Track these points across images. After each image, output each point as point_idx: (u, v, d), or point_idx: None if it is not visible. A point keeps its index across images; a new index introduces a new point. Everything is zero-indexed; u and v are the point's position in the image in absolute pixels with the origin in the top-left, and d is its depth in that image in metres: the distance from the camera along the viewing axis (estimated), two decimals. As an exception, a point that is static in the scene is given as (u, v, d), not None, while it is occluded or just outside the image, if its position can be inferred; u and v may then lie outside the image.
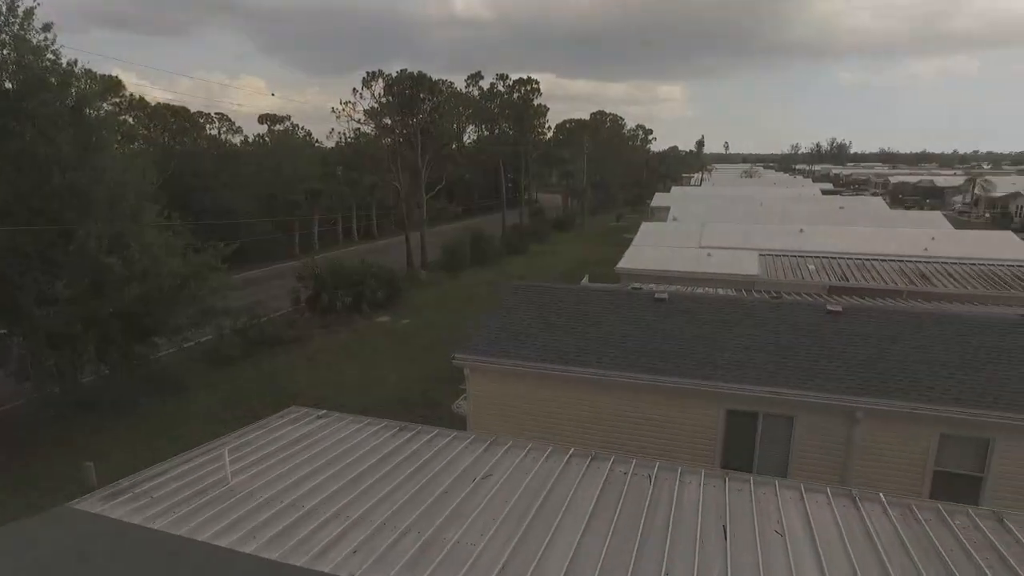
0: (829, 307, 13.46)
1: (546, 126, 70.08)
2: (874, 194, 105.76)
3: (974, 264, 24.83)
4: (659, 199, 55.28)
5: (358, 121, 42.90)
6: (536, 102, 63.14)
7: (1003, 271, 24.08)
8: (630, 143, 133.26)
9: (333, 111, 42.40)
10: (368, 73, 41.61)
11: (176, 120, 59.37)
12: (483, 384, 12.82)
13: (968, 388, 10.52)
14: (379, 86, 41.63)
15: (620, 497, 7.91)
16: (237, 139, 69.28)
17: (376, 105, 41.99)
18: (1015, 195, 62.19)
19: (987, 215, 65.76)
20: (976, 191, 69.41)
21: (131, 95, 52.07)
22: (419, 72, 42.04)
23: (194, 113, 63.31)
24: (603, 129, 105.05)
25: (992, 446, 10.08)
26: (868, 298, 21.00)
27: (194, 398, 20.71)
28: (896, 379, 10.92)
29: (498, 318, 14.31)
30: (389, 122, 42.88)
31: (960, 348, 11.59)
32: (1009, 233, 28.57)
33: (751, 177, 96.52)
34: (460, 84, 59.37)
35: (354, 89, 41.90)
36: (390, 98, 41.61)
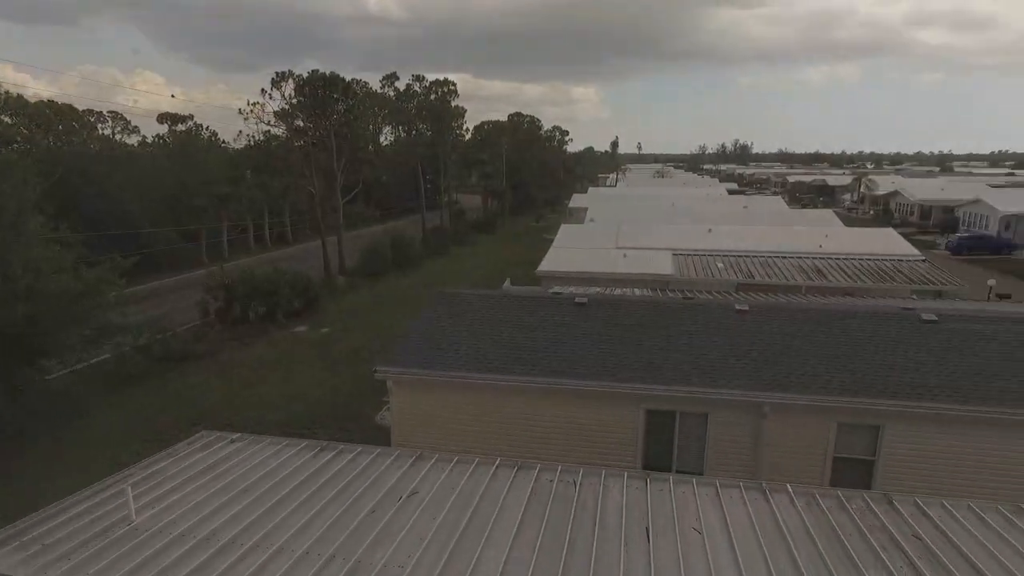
0: (737, 306, 14.21)
1: (464, 127, 70.04)
2: (774, 193, 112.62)
3: (862, 259, 26.96)
4: (577, 200, 56.56)
5: (268, 123, 41.22)
6: (454, 103, 62.96)
7: (886, 265, 26.30)
8: (547, 144, 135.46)
9: (240, 112, 40.54)
10: (277, 73, 40.02)
11: (61, 119, 54.83)
12: (407, 397, 12.64)
13: (860, 379, 11.41)
14: (289, 87, 40.16)
15: (547, 506, 8.02)
16: (134, 140, 64.93)
17: (287, 106, 40.47)
18: (894, 193, 68.07)
19: (871, 212, 71.56)
20: (862, 190, 75.42)
21: (6, 92, 47.65)
22: (331, 73, 40.88)
23: (83, 112, 58.72)
24: (521, 130, 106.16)
25: (882, 432, 10.99)
26: (772, 294, 22.38)
27: (95, 424, 19.21)
28: (798, 374, 11.68)
29: (421, 327, 14.16)
30: (301, 124, 41.45)
31: (851, 341, 12.55)
32: (890, 230, 31.21)
33: (663, 177, 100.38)
34: (375, 84, 58.35)
35: (263, 90, 40.22)
36: (301, 99, 40.21)
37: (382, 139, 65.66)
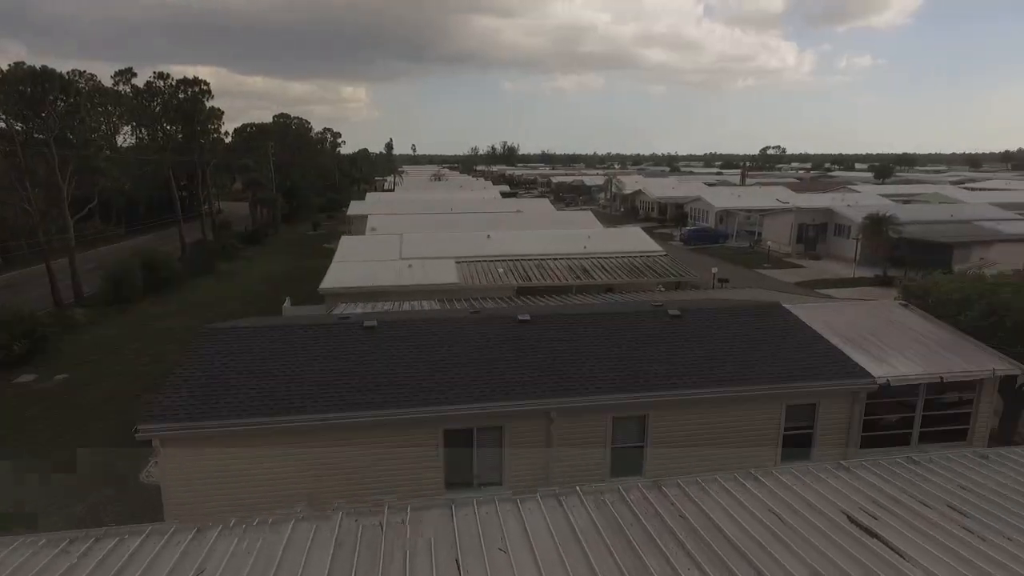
0: (519, 316, 15.13)
1: (223, 130, 63.79)
2: (542, 193, 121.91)
3: (618, 256, 30.55)
4: (355, 207, 55.11)
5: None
6: (209, 103, 56.92)
7: (637, 261, 30.16)
8: (319, 147, 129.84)
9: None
10: (-35, 64, 32.37)
11: None
12: (180, 456, 11.21)
13: (627, 376, 12.94)
14: (-15, 81, 32.76)
15: (354, 555, 7.74)
16: None
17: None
18: (638, 192, 78.35)
19: (622, 208, 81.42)
20: (612, 189, 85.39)
21: None
22: (43, 67, 34.28)
23: None
24: (290, 132, 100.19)
25: (647, 421, 12.60)
26: (548, 296, 24.24)
27: None
28: (577, 377, 12.85)
29: (191, 371, 12.65)
30: (4, 126, 34.12)
31: (617, 341, 14.17)
32: (637, 229, 35.82)
33: (439, 180, 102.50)
34: (107, 79, 50.07)
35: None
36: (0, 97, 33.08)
37: (120, 141, 56.73)
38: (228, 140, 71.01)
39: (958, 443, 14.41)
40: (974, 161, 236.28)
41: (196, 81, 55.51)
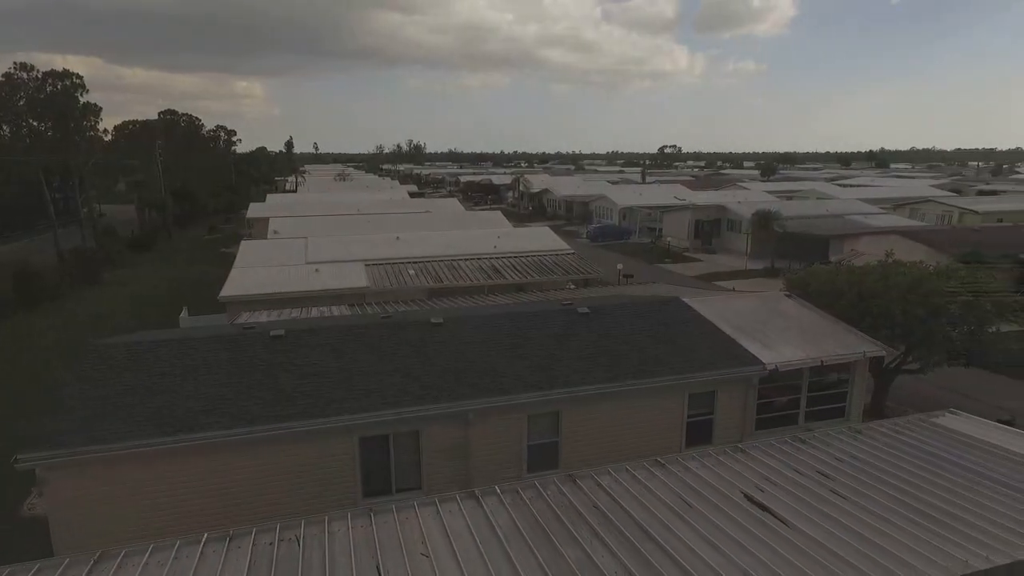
0: (432, 320, 15.15)
1: (100, 127, 58.69)
2: (450, 192, 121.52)
3: (528, 255, 31.12)
4: (255, 209, 52.70)
5: None
6: (83, 98, 52.25)
7: (547, 260, 30.85)
8: (212, 145, 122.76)
9: None
10: None
11: None
12: (71, 485, 10.38)
13: (540, 374, 13.30)
14: None
15: (271, 573, 7.55)
16: None
17: None
18: (545, 191, 79.96)
19: (530, 207, 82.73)
20: (521, 188, 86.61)
21: None
22: None
23: None
24: (178, 129, 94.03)
25: (560, 416, 13.03)
26: (460, 297, 24.32)
27: None
28: (492, 376, 13.06)
29: (78, 391, 11.74)
30: None
31: (529, 340, 14.52)
32: (546, 228, 36.61)
33: (344, 180, 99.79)
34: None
35: None
36: None
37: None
38: (109, 138, 65.66)
39: (838, 419, 15.92)
40: (844, 159, 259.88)
41: (67, 74, 50.87)
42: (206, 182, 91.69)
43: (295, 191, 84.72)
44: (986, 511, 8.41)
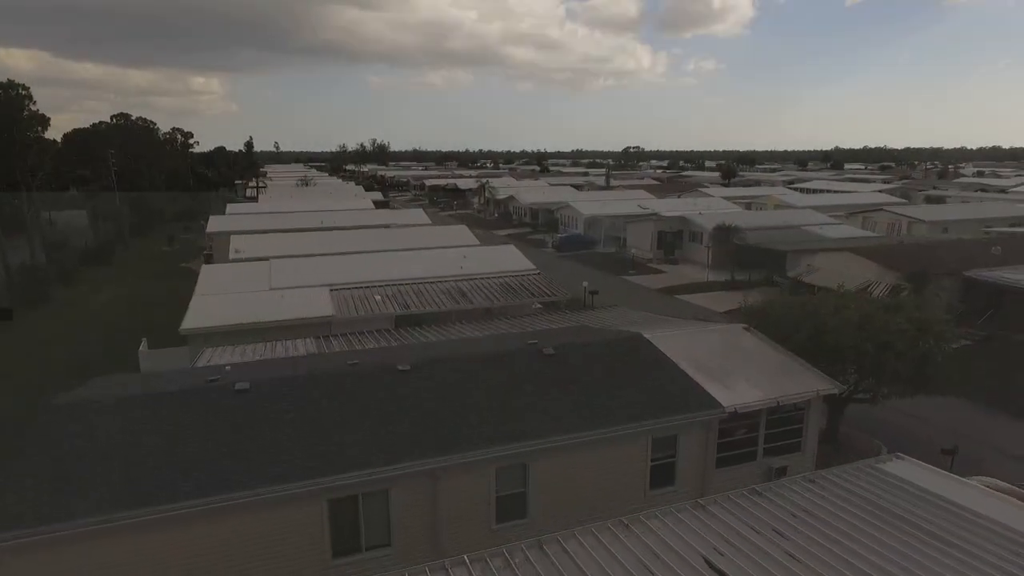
0: (399, 367, 15.21)
1: (46, 135, 56.29)
2: (415, 196, 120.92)
3: (494, 277, 31.28)
4: (216, 223, 51.53)
5: None
6: (27, 108, 50.21)
7: (513, 281, 31.06)
8: (168, 148, 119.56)
9: None
10: None
11: None
12: (21, 568, 10.16)
13: (507, 426, 13.50)
14: None
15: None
16: None
17: None
18: (511, 198, 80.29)
19: (496, 214, 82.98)
20: (486, 195, 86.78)
21: None
22: None
23: None
24: (132, 134, 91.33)
25: (528, 468, 13.27)
26: (427, 326, 24.36)
27: None
28: (461, 429, 13.21)
29: (34, 461, 11.47)
30: None
31: (495, 388, 14.69)
32: (511, 247, 36.77)
33: (307, 185, 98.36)
34: None
35: None
36: None
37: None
38: (58, 146, 63.33)
39: (795, 452, 16.59)
40: (801, 159, 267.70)
41: (11, 85, 48.95)
42: (163, 189, 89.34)
43: (256, 198, 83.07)
44: (930, 573, 8.96)
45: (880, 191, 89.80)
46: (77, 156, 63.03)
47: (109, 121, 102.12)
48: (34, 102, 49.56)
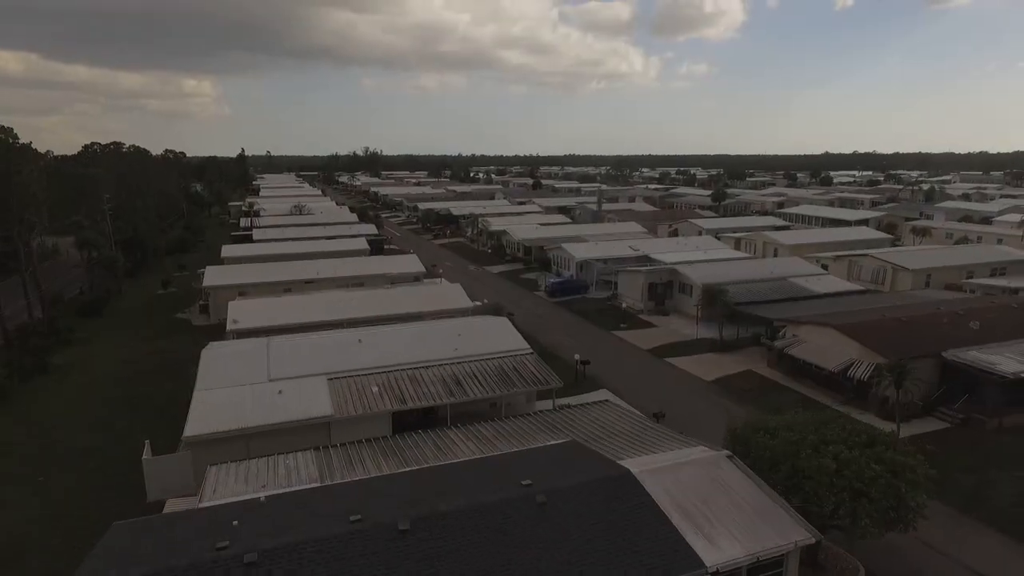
0: (400, 526, 16.00)
1: (39, 170, 55.96)
2: (408, 219, 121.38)
3: (488, 359, 32.03)
4: (212, 276, 52.18)
5: None
6: (19, 143, 49.80)
7: (506, 364, 31.83)
8: (162, 168, 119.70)
9: None
10: None
11: None
12: None
13: (502, 603, 14.32)
14: None
15: None
16: None
17: None
18: (504, 232, 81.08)
19: (489, 246, 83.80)
20: (480, 225, 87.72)
21: None
22: None
23: None
24: (126, 165, 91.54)
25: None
26: (424, 430, 25.02)
27: None
28: (458, 611, 14.00)
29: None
30: None
31: (490, 549, 15.52)
32: (504, 320, 37.48)
33: (301, 213, 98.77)
34: None
35: None
36: None
37: None
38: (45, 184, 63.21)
39: (774, 590, 17.50)
40: (791, 166, 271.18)
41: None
42: (156, 221, 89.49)
43: (250, 229, 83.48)
44: None
45: (868, 219, 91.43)
46: (70, 200, 63.08)
47: (100, 147, 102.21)
48: (17, 138, 48.43)
